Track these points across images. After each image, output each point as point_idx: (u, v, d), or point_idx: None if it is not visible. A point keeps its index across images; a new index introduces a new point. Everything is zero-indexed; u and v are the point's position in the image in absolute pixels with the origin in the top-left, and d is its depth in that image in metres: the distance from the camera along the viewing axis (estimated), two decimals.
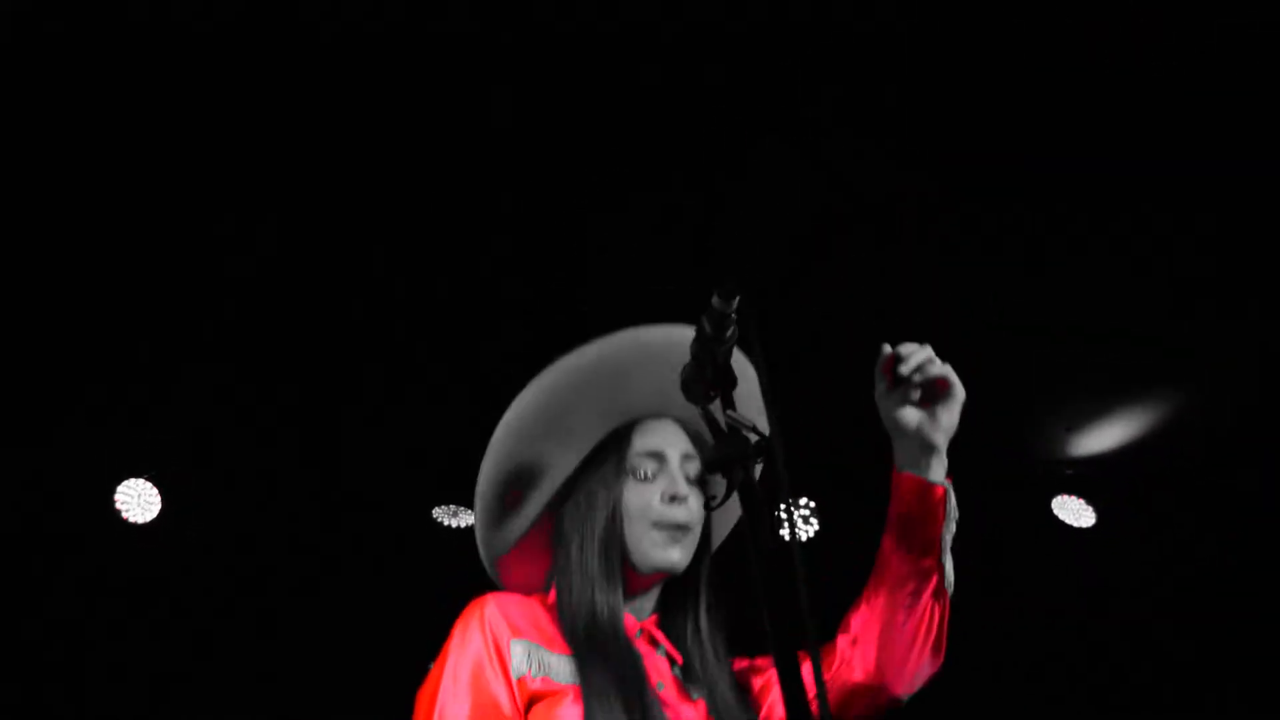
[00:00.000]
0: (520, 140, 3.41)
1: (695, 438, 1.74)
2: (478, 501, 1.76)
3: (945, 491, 1.65)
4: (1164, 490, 4.72)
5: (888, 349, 1.63)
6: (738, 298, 1.33)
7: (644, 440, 1.73)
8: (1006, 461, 4.54)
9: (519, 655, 1.58)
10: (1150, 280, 3.95)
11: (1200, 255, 3.85)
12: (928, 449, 1.64)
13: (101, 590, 4.20)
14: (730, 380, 1.37)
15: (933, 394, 1.63)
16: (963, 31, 3.23)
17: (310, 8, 3.01)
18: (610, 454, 1.72)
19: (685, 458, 1.72)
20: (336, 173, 3.49)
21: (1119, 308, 4.05)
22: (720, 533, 1.88)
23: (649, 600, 1.74)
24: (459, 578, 1.87)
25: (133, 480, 4.29)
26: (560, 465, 1.75)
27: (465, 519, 4.50)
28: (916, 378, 1.61)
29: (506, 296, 3.88)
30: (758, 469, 1.35)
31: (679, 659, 1.72)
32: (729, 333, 1.36)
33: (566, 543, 1.69)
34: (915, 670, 1.69)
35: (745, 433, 1.30)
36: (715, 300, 1.34)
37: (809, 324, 3.74)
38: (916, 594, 1.66)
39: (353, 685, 4.11)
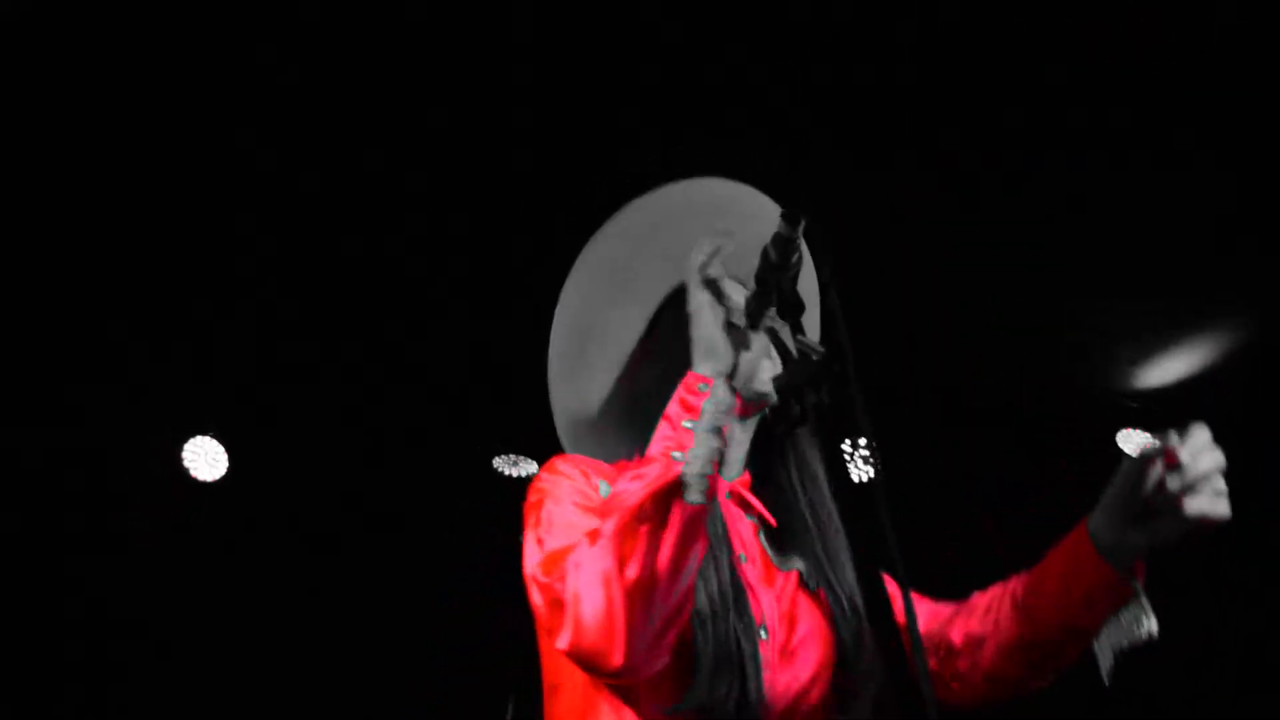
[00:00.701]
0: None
1: None
2: (551, 366, 1.73)
3: (1136, 592, 1.53)
4: (1235, 422, 4.63)
5: (1176, 444, 1.44)
6: (803, 223, 1.32)
7: None
8: (1070, 394, 4.49)
9: (606, 494, 1.54)
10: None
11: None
12: (1136, 550, 1.51)
13: (170, 546, 4.31)
14: (798, 306, 1.36)
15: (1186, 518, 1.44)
16: (962, 31, 3.25)
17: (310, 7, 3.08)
18: (678, 308, 1.66)
19: None
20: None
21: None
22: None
23: (740, 448, 1.68)
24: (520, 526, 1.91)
25: (200, 438, 4.32)
26: (629, 324, 1.71)
27: (527, 468, 4.56)
28: (1190, 509, 1.43)
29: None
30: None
31: (772, 522, 1.65)
32: (794, 259, 1.34)
33: (650, 407, 1.59)
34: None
35: (815, 357, 1.29)
36: (781, 227, 1.32)
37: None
38: (1046, 660, 1.59)
39: (418, 632, 4.20)
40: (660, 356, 1.67)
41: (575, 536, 1.40)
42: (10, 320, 3.86)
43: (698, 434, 1.35)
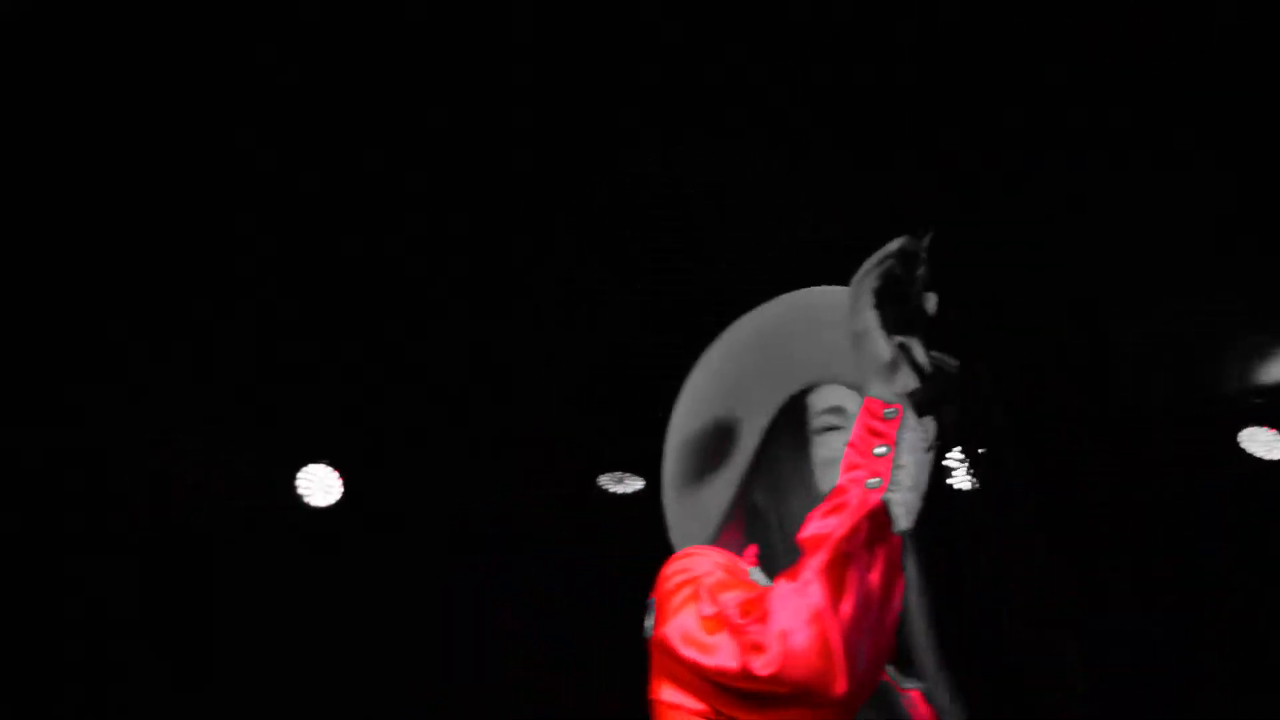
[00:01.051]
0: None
1: None
2: (666, 484, 1.72)
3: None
4: None
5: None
6: (929, 235, 1.31)
7: (821, 399, 1.66)
8: (1070, 395, 4.46)
9: (756, 576, 1.51)
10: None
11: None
12: None
13: (283, 574, 4.36)
14: (925, 320, 1.34)
15: None
16: (962, 31, 3.26)
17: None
18: (790, 422, 1.65)
19: None
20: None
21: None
22: None
23: None
24: (628, 545, 1.87)
25: (314, 465, 4.39)
26: (744, 441, 1.68)
27: (632, 484, 4.53)
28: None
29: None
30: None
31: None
32: (919, 271, 1.33)
33: (765, 522, 1.59)
34: None
35: (951, 370, 1.29)
36: (906, 241, 1.32)
37: None
38: None
39: (419, 632, 4.23)
40: (773, 469, 1.64)
41: (756, 590, 1.36)
42: (10, 320, 3.86)
43: (900, 456, 1.30)
